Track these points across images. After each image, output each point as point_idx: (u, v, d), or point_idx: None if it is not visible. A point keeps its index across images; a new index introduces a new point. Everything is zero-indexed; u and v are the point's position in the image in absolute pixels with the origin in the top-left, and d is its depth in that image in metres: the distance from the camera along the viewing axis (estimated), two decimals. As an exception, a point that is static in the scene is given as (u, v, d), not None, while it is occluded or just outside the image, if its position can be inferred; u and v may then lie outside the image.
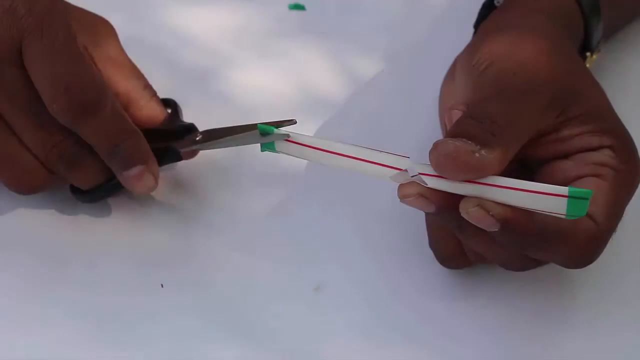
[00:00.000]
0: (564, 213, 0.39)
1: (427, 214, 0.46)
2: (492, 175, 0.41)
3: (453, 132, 0.42)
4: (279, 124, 0.45)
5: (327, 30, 0.63)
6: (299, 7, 0.65)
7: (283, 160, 0.47)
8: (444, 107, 0.51)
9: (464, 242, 0.47)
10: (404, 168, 0.42)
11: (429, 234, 0.49)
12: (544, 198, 0.39)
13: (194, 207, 0.53)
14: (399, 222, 0.51)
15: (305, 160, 0.46)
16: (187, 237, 0.51)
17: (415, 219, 0.50)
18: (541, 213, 0.40)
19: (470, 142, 0.41)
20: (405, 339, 0.48)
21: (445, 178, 0.41)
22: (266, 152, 0.46)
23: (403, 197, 0.42)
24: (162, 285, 0.49)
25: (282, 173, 0.54)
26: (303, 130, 0.56)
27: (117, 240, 0.51)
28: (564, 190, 0.39)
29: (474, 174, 0.41)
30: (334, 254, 0.51)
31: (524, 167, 0.47)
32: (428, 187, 0.41)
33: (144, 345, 0.47)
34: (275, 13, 0.64)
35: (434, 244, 0.49)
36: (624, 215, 0.46)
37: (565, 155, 0.46)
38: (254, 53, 0.61)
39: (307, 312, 0.49)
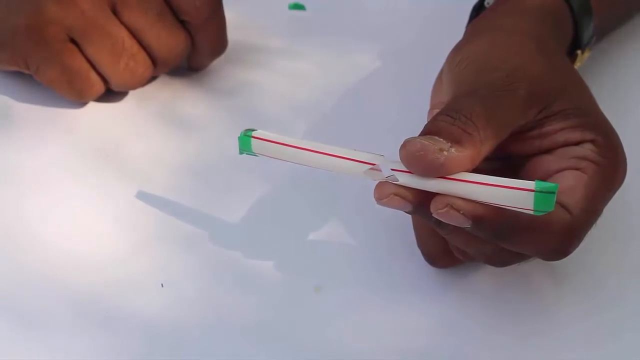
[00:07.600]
0: (532, 208, 0.39)
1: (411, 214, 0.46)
2: (464, 172, 0.41)
3: (426, 129, 0.42)
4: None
5: (326, 30, 0.63)
6: (299, 7, 0.65)
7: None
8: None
9: (447, 239, 0.47)
10: (376, 164, 0.42)
11: (415, 234, 0.49)
12: (511, 193, 0.39)
13: (193, 207, 0.53)
14: (399, 222, 0.51)
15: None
16: (186, 237, 0.51)
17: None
18: (511, 209, 0.40)
19: (440, 139, 0.41)
20: (405, 340, 0.48)
21: (415, 175, 0.41)
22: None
23: (379, 199, 0.42)
24: (162, 285, 0.49)
25: (282, 173, 0.54)
26: (300, 129, 0.57)
27: (116, 241, 0.51)
28: (530, 184, 0.39)
29: (442, 172, 0.40)
30: (334, 254, 0.51)
31: (508, 163, 0.47)
32: (402, 186, 0.41)
33: (143, 346, 0.47)
34: (275, 13, 0.64)
35: (421, 244, 0.49)
36: (622, 216, 0.45)
37: (548, 151, 0.46)
38: (254, 53, 0.61)
39: (307, 312, 0.49)
